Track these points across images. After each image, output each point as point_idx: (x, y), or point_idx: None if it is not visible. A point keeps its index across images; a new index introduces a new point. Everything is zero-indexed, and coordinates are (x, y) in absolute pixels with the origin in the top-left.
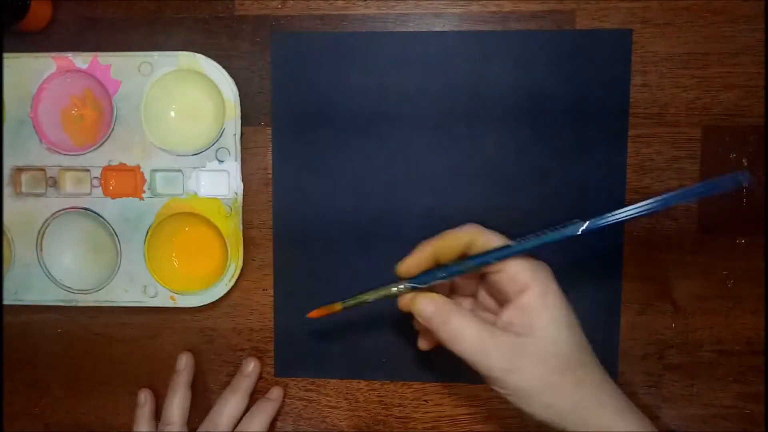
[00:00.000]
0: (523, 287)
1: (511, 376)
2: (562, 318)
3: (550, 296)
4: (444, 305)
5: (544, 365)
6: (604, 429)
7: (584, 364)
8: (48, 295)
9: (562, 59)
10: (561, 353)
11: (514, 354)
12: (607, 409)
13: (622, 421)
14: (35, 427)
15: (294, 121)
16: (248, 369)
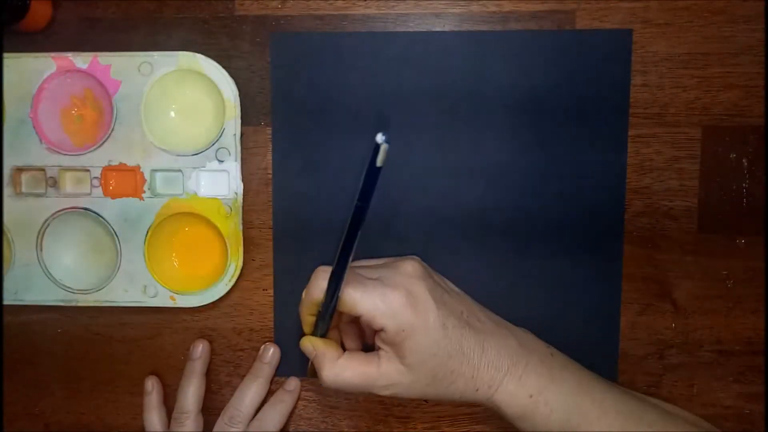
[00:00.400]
0: (381, 327)
1: (388, 391)
2: (422, 343)
3: (405, 329)
4: (320, 353)
5: (416, 385)
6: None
7: (453, 371)
8: (48, 295)
9: (562, 59)
10: (427, 374)
11: (385, 378)
12: None
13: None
14: (35, 427)
15: (294, 121)
16: (267, 356)
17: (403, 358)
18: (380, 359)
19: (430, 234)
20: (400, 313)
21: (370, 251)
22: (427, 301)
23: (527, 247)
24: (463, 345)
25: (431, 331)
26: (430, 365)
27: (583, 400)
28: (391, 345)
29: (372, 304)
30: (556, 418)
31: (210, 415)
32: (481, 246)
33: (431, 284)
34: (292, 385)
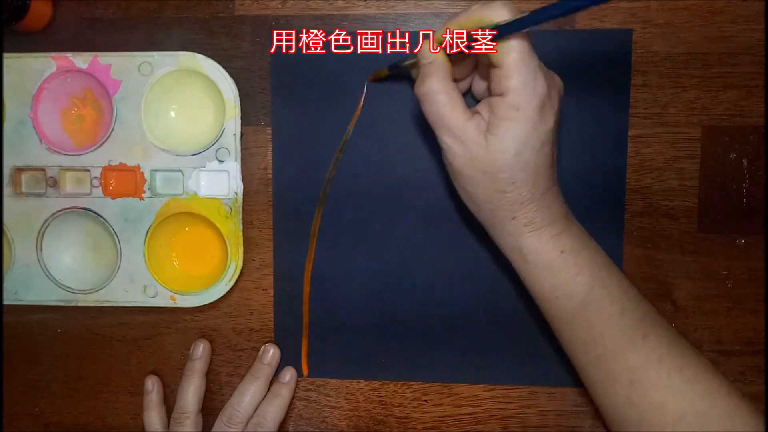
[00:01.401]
0: (505, 91)
1: (453, 143)
2: (518, 135)
3: (519, 111)
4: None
5: (476, 164)
6: (499, 239)
7: (514, 183)
8: (48, 295)
9: (562, 59)
10: (498, 164)
11: (461, 140)
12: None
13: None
14: (35, 427)
15: (294, 121)
16: (267, 356)
17: (492, 133)
18: (473, 117)
19: (430, 233)
20: (532, 96)
21: (370, 250)
22: (552, 115)
23: None
24: (540, 172)
25: (534, 135)
26: (505, 159)
27: (609, 278)
28: (494, 114)
29: (522, 66)
30: (580, 281)
31: (210, 415)
32: (482, 245)
33: (559, 109)
34: (287, 377)
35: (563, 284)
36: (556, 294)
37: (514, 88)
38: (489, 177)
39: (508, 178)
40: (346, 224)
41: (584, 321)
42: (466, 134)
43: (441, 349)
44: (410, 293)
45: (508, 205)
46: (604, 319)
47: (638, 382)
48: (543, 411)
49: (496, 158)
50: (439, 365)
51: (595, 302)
